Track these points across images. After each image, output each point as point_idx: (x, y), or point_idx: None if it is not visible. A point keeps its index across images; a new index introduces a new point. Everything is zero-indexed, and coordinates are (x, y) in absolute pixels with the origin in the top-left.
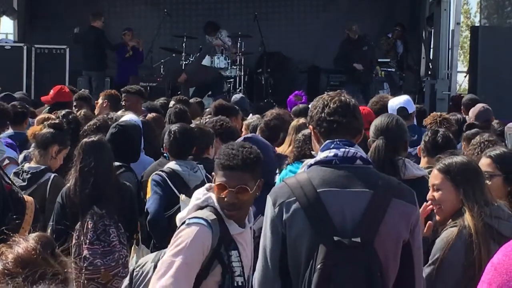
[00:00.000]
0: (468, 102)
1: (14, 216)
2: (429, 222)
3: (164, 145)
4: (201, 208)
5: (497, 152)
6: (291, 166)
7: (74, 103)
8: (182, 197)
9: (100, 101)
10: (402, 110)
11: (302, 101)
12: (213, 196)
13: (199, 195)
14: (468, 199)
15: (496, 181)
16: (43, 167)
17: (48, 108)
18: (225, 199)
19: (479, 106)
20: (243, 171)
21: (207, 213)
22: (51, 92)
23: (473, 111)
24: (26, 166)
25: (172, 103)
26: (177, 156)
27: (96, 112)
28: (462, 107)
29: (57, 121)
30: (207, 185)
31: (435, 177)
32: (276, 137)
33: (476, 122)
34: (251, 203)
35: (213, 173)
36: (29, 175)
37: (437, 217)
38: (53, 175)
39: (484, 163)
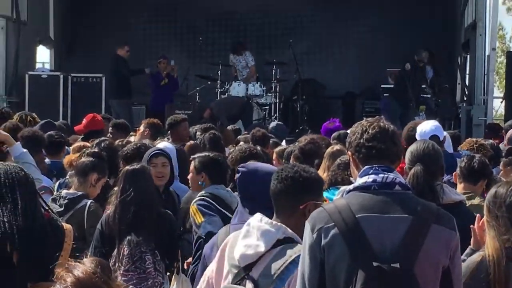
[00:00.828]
0: (510, 128)
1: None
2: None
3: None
4: (280, 241)
5: None
6: (327, 193)
7: (110, 130)
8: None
9: (141, 128)
10: (433, 138)
11: (335, 125)
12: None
13: (270, 226)
14: (493, 226)
15: None
16: (80, 193)
17: (81, 137)
18: None
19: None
20: None
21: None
22: (84, 121)
23: (508, 135)
24: (64, 192)
25: (198, 133)
26: (218, 182)
27: (136, 139)
28: (503, 132)
29: (96, 149)
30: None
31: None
32: (311, 162)
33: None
34: None
35: None
36: (66, 201)
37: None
38: (89, 201)
39: None
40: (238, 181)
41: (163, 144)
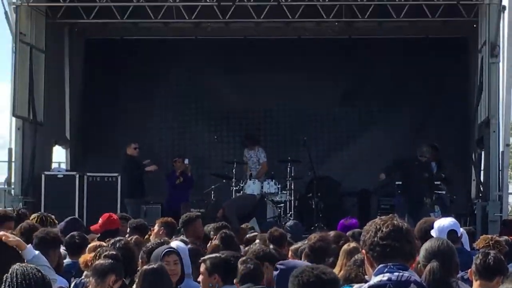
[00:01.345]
0: None
1: None
2: None
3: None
4: None
5: None
6: None
7: (128, 231)
8: None
9: (156, 228)
10: (452, 233)
11: (350, 222)
12: None
13: None
14: None
15: None
16: None
17: (98, 236)
18: None
19: None
20: None
21: None
22: (100, 220)
23: None
24: None
25: (211, 232)
26: (230, 283)
27: (152, 239)
28: None
29: (113, 251)
30: None
31: None
32: (322, 260)
33: None
34: None
35: None
36: None
37: None
38: None
39: None
40: (276, 277)
41: (176, 243)
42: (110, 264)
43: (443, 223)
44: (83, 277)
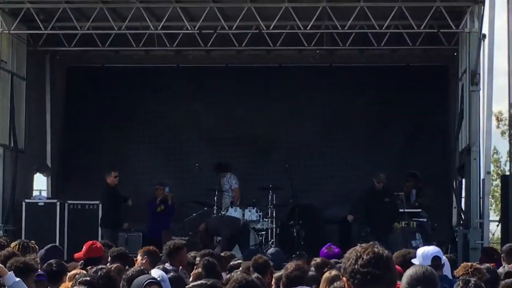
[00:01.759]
0: (508, 250)
1: None
2: None
3: None
4: None
5: None
6: None
7: (109, 259)
8: None
9: (139, 257)
10: (436, 259)
11: (334, 252)
12: None
13: None
14: None
15: None
16: None
17: (81, 264)
18: None
19: None
20: None
21: None
22: (83, 248)
23: None
24: None
25: (197, 258)
26: None
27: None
28: (502, 255)
29: (88, 278)
30: None
31: None
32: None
33: None
34: None
35: None
36: None
37: None
38: None
39: None
40: None
41: (158, 272)
42: None
43: (427, 250)
44: None
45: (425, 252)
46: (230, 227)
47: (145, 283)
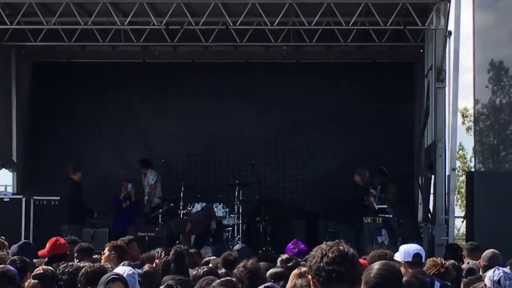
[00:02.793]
0: (471, 247)
1: None
2: None
3: None
4: None
5: None
6: None
7: (75, 255)
8: None
9: (106, 252)
10: (417, 256)
11: (300, 248)
12: None
13: None
14: None
15: None
16: None
17: (46, 261)
18: None
19: (489, 252)
20: None
21: None
22: (47, 245)
23: (484, 257)
24: None
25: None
26: None
27: (102, 262)
28: (464, 252)
29: (41, 271)
30: None
31: None
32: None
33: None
34: None
35: None
36: None
37: None
38: None
39: None
40: None
41: (124, 268)
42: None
43: (410, 247)
44: None
45: (407, 248)
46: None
47: (108, 279)
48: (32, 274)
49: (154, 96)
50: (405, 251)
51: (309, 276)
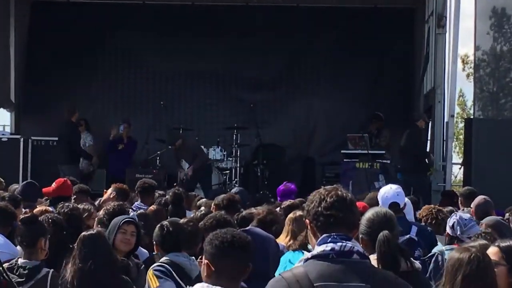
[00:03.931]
0: (466, 193)
1: None
2: None
3: (154, 241)
4: None
5: (507, 243)
6: (293, 253)
7: (74, 196)
8: None
9: (109, 191)
10: (394, 205)
11: (290, 189)
12: None
13: None
14: None
15: (500, 270)
16: (38, 262)
17: (48, 200)
18: None
19: (479, 198)
20: None
21: None
22: (54, 185)
23: (474, 204)
24: (20, 261)
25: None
26: (169, 250)
27: (102, 200)
28: (460, 199)
29: (29, 214)
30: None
31: (493, 253)
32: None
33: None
34: None
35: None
36: (26, 271)
37: None
38: (51, 271)
39: (491, 252)
40: None
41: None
42: (36, 230)
43: (387, 193)
44: None
45: (384, 196)
46: (201, 159)
47: (123, 221)
48: (20, 219)
49: (154, 37)
50: (382, 197)
51: (307, 221)
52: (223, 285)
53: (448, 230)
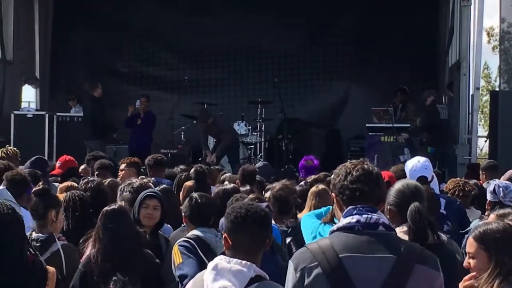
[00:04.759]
0: (488, 166)
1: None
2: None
3: (184, 213)
4: (252, 279)
5: None
6: (323, 226)
7: (96, 172)
8: None
9: (124, 168)
10: (422, 179)
11: (313, 164)
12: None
13: (241, 265)
14: (496, 270)
15: None
16: (48, 234)
17: (60, 177)
18: None
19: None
20: None
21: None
22: (58, 163)
23: (504, 177)
24: (34, 234)
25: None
26: (198, 224)
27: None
28: (482, 172)
29: (40, 186)
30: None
31: (470, 245)
32: (284, 207)
33: None
34: None
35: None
36: (39, 243)
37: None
38: (61, 243)
39: None
40: None
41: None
42: (43, 202)
43: (416, 165)
44: None
45: (412, 169)
46: (233, 135)
47: (144, 195)
48: (33, 191)
49: (177, 14)
50: (410, 170)
51: (333, 194)
52: (242, 258)
53: (489, 197)
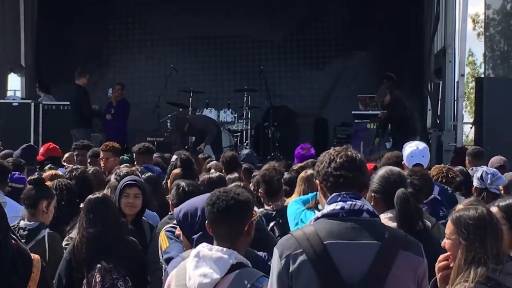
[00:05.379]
0: (473, 153)
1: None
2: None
3: (171, 201)
4: (233, 266)
5: (506, 202)
6: (306, 212)
7: (89, 160)
8: None
9: (104, 155)
10: (417, 166)
11: (309, 153)
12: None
13: (222, 252)
14: (465, 255)
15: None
16: (38, 223)
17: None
18: None
19: (497, 158)
20: None
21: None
22: (41, 150)
23: (491, 162)
24: (22, 222)
25: (174, 157)
26: None
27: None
28: (467, 158)
29: (36, 176)
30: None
31: (447, 226)
32: (272, 188)
33: None
34: None
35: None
36: (26, 232)
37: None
38: (47, 232)
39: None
40: None
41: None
42: (37, 191)
43: (412, 154)
44: None
45: (409, 155)
46: (211, 129)
47: (124, 184)
48: (28, 179)
49: (164, 1)
50: (407, 159)
51: (317, 181)
52: (224, 246)
53: (475, 183)
